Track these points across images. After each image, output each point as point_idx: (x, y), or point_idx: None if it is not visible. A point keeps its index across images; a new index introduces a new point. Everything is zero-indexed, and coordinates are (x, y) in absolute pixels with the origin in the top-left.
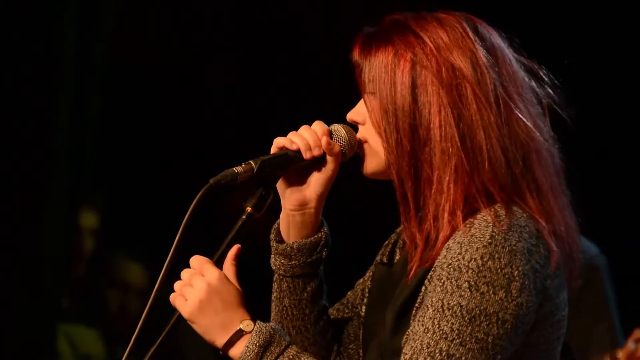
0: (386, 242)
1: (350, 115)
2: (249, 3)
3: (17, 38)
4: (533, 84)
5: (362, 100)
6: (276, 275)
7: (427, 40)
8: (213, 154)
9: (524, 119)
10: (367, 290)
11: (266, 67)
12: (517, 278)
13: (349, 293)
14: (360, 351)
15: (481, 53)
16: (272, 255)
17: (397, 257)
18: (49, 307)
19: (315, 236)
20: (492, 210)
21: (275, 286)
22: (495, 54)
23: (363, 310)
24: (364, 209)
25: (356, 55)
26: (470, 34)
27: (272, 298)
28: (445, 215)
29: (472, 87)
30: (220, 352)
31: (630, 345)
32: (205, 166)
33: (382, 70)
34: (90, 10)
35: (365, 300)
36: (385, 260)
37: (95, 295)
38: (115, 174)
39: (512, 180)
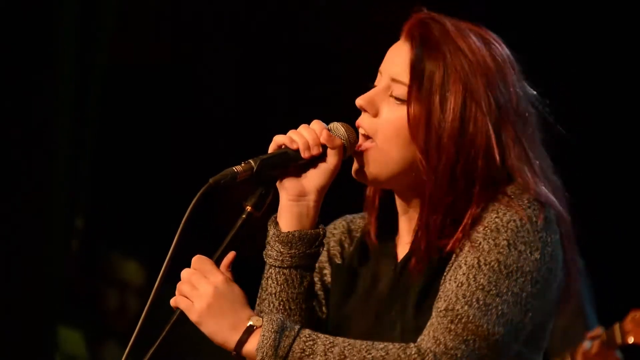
0: (330, 236)
1: (361, 102)
2: (248, 3)
3: (18, 38)
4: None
5: (377, 90)
6: (270, 270)
7: (478, 70)
8: (213, 153)
9: (535, 145)
10: (320, 292)
11: (266, 66)
12: (550, 244)
13: None
14: None
15: (516, 84)
16: (270, 246)
17: (337, 258)
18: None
19: (315, 230)
20: (520, 183)
21: (269, 282)
22: (512, 79)
23: (324, 311)
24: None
25: (410, 54)
26: (508, 62)
27: (265, 295)
28: (468, 220)
29: (512, 124)
30: (233, 353)
31: (586, 344)
32: (205, 165)
33: (434, 86)
34: (90, 10)
35: (323, 302)
36: (339, 261)
37: (90, 295)
38: (115, 174)
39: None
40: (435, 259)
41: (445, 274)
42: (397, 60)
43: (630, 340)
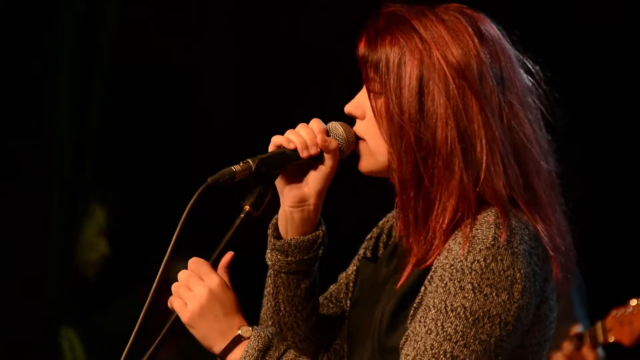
0: (368, 235)
1: (349, 108)
2: (248, 3)
3: (18, 38)
4: (531, 84)
5: (361, 93)
6: (271, 271)
7: (434, 46)
8: (212, 153)
9: (524, 131)
10: (351, 284)
11: (265, 66)
12: (519, 280)
13: (331, 287)
14: (345, 346)
15: (485, 59)
16: (269, 251)
17: (381, 251)
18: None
19: (313, 234)
20: (492, 213)
21: (269, 281)
22: (498, 57)
23: (348, 304)
24: (359, 206)
25: (361, 50)
26: (475, 37)
27: (265, 293)
28: (445, 220)
29: (477, 100)
30: (218, 359)
31: (567, 343)
32: (204, 165)
33: (388, 71)
34: (91, 10)
35: (349, 295)
36: (369, 255)
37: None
38: (115, 174)
39: (511, 191)
40: (414, 275)
41: (415, 304)
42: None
43: (611, 338)
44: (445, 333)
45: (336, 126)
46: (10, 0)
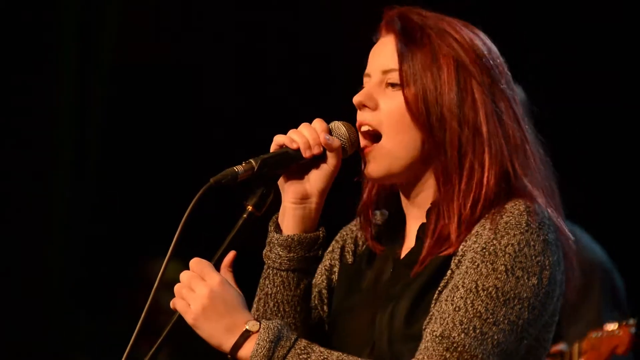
0: (334, 243)
1: (360, 98)
2: (249, 3)
3: (18, 38)
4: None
5: (371, 86)
6: (268, 271)
7: (466, 44)
8: (214, 153)
9: (532, 128)
10: (325, 291)
11: (266, 65)
12: (548, 267)
13: None
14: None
15: (501, 62)
16: (269, 248)
17: (350, 259)
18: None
19: (315, 232)
20: (521, 202)
21: (267, 282)
22: (501, 62)
23: (325, 309)
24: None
25: (396, 43)
26: (491, 43)
27: (260, 296)
28: (478, 207)
29: (507, 98)
30: (228, 356)
31: None
32: (206, 165)
33: (424, 65)
34: (92, 10)
35: (325, 301)
36: (350, 261)
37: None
38: (115, 174)
39: (537, 182)
40: (434, 263)
41: (440, 287)
42: (383, 54)
43: None
44: (475, 310)
45: (339, 126)
46: (11, 0)
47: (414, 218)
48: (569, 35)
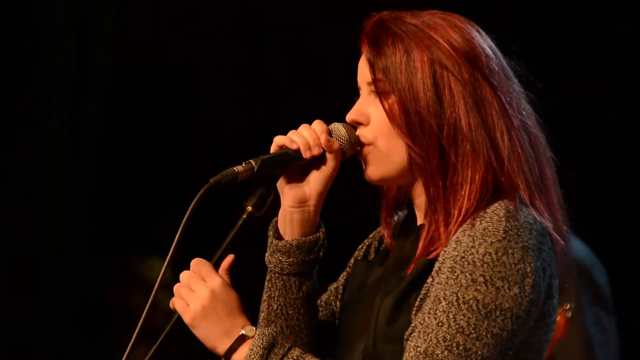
0: (366, 240)
1: (352, 116)
2: (249, 3)
3: (18, 39)
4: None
5: (361, 100)
6: (270, 274)
7: (441, 40)
8: (214, 153)
9: (531, 120)
10: (341, 287)
11: (266, 66)
12: (529, 274)
13: (322, 295)
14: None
15: (490, 54)
16: (269, 253)
17: (372, 255)
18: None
19: (314, 235)
20: (502, 206)
21: (269, 285)
22: (497, 54)
23: (338, 305)
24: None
25: (366, 55)
26: (473, 29)
27: (265, 298)
28: (463, 209)
29: (490, 88)
30: (222, 359)
31: None
32: (206, 166)
33: (397, 70)
34: (90, 9)
35: (339, 296)
36: (361, 256)
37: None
38: (115, 174)
39: (527, 179)
40: (421, 265)
41: (421, 294)
42: (363, 66)
43: None
44: (457, 325)
45: (339, 127)
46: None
47: (420, 219)
48: (569, 35)
